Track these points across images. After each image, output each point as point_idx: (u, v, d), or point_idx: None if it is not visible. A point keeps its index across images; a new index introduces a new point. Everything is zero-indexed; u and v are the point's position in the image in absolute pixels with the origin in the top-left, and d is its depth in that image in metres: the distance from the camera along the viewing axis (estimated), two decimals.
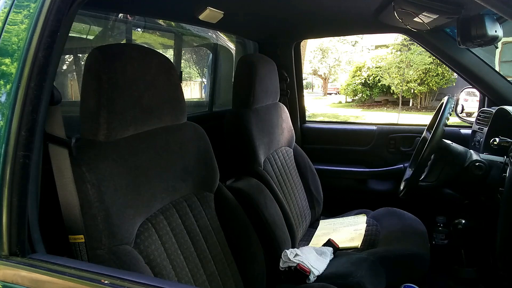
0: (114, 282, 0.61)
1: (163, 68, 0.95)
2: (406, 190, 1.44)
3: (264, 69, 1.57)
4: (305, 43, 7.20)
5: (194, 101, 3.52)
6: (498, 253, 1.16)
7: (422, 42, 1.75)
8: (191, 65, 3.42)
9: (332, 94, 17.66)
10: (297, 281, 1.31)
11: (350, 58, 15.11)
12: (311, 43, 13.34)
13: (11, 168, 0.67)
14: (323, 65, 15.35)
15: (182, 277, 0.94)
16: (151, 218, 0.91)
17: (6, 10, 0.71)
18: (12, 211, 0.67)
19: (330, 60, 15.17)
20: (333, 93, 17.80)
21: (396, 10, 1.31)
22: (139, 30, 1.90)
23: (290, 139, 1.84)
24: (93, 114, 0.80)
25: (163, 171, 0.95)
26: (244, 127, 1.50)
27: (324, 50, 14.38)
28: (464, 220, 1.63)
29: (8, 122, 0.67)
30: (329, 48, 14.39)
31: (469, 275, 1.64)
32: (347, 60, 15.24)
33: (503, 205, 1.15)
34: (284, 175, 1.69)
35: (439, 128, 1.28)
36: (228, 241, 1.11)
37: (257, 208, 1.33)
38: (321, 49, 14.38)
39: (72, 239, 0.74)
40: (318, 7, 1.50)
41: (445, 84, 11.07)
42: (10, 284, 0.66)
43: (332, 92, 17.96)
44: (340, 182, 2.13)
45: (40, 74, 0.67)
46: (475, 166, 1.30)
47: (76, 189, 0.75)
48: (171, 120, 1.00)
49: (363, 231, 1.65)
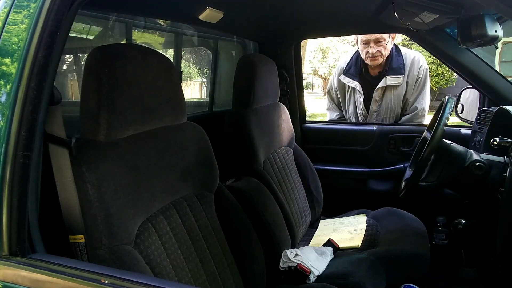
0: (114, 282, 0.61)
1: (163, 68, 0.95)
2: (406, 190, 1.44)
3: (264, 69, 1.57)
4: (305, 43, 7.20)
5: (194, 101, 3.52)
6: (498, 253, 1.16)
7: (422, 42, 1.75)
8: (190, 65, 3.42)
9: None
10: (297, 281, 1.31)
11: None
12: (311, 43, 13.32)
13: (11, 168, 0.67)
14: (323, 65, 15.33)
15: (182, 277, 0.94)
16: (151, 218, 0.91)
17: (6, 10, 0.71)
18: (12, 211, 0.67)
19: (330, 60, 15.16)
20: None
21: (396, 10, 1.31)
22: (140, 30, 1.90)
23: (290, 139, 1.84)
24: (93, 114, 0.80)
25: (163, 171, 0.95)
26: (244, 127, 1.50)
27: (324, 50, 14.36)
28: (464, 220, 1.63)
29: (8, 122, 0.67)
30: (329, 48, 14.38)
31: (469, 275, 1.64)
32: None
33: (503, 205, 1.15)
34: (284, 175, 1.69)
35: (439, 128, 1.27)
36: (228, 241, 1.11)
37: (257, 208, 1.33)
38: (321, 49, 14.37)
39: (72, 239, 0.74)
40: (318, 7, 1.50)
41: (445, 84, 11.06)
42: (10, 284, 0.66)
43: None
44: (340, 182, 2.12)
45: (40, 74, 0.67)
46: (475, 166, 1.30)
47: (76, 189, 0.75)
48: (171, 120, 1.00)
49: (363, 231, 1.65)
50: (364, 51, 2.11)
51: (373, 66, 2.15)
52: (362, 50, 2.13)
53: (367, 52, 2.09)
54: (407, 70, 2.12)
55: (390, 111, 2.20)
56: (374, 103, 2.20)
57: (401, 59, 2.12)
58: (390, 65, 2.12)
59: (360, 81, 2.21)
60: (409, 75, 2.12)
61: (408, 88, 2.14)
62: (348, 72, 2.24)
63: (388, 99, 2.17)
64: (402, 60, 2.12)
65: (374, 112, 2.22)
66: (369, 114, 2.23)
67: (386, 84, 2.13)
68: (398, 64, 2.12)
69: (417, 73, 2.12)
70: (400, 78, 2.11)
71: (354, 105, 2.28)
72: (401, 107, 2.20)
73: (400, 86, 2.13)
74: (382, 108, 2.20)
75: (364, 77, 2.21)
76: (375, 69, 2.16)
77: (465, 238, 1.64)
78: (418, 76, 2.12)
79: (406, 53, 2.16)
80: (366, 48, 2.09)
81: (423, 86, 2.14)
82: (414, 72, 2.12)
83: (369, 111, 2.23)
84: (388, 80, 2.12)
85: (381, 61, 2.10)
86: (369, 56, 2.09)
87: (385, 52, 2.08)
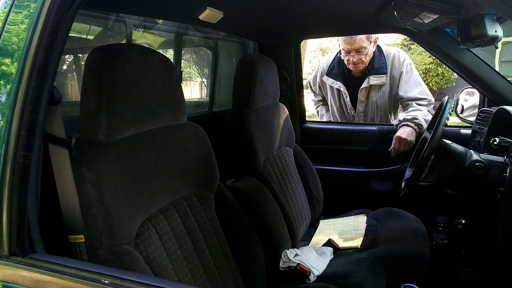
0: (114, 282, 0.61)
1: (163, 68, 0.95)
2: (406, 190, 1.44)
3: (264, 69, 1.57)
4: (305, 43, 7.19)
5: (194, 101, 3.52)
6: (498, 253, 1.16)
7: (422, 42, 1.75)
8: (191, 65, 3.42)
9: None
10: (297, 281, 1.31)
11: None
12: (311, 43, 13.31)
13: (11, 168, 0.67)
14: None
15: (182, 277, 0.94)
16: (151, 218, 0.91)
17: (6, 10, 0.71)
18: (12, 211, 0.67)
19: None
20: None
21: (396, 10, 1.30)
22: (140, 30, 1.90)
23: (290, 139, 1.84)
24: (93, 114, 0.80)
25: (163, 171, 0.95)
26: (244, 127, 1.50)
27: (324, 50, 14.36)
28: (464, 220, 1.63)
29: (8, 122, 0.67)
30: (329, 48, 14.36)
31: (469, 275, 1.64)
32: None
33: (503, 205, 1.15)
34: (284, 175, 1.69)
35: (439, 128, 1.27)
36: (228, 241, 1.11)
37: (257, 208, 1.33)
38: (321, 49, 14.36)
39: (72, 239, 0.74)
40: (318, 7, 1.50)
41: (445, 84, 11.06)
42: (10, 284, 0.66)
43: None
44: (340, 182, 2.12)
45: (40, 74, 0.68)
46: (475, 166, 1.30)
47: (76, 189, 0.75)
48: (171, 120, 1.00)
49: (363, 231, 1.65)
50: (345, 58, 2.09)
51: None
52: (343, 57, 2.11)
53: (348, 59, 2.07)
54: (389, 68, 2.09)
55: (377, 110, 2.18)
56: (360, 103, 2.18)
57: (383, 59, 2.10)
58: (372, 64, 2.09)
59: (344, 81, 2.19)
60: (392, 71, 2.09)
61: (394, 82, 2.10)
62: (331, 72, 2.22)
63: (373, 99, 2.15)
64: (384, 60, 2.09)
65: (361, 113, 2.20)
66: (357, 114, 2.21)
67: (370, 84, 2.10)
68: (380, 64, 2.09)
69: (399, 67, 2.08)
70: (383, 77, 2.09)
71: (341, 106, 2.26)
72: (392, 105, 2.17)
73: (385, 85, 2.11)
74: (369, 108, 2.18)
75: (347, 77, 2.19)
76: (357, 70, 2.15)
77: (465, 238, 1.64)
78: (401, 70, 2.08)
79: (387, 51, 2.13)
80: (347, 56, 2.07)
81: (411, 77, 2.08)
82: (396, 65, 2.09)
83: (356, 111, 2.21)
84: (371, 80, 2.10)
85: (362, 67, 2.09)
86: (350, 63, 2.08)
87: (367, 59, 2.05)
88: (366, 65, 2.08)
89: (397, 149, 1.91)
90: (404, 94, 2.07)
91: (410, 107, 2.03)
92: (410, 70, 2.09)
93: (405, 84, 2.08)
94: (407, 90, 2.07)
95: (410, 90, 2.07)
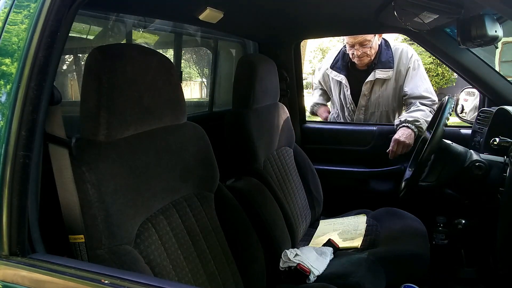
0: (114, 282, 0.61)
1: (163, 68, 0.95)
2: (406, 190, 1.44)
3: (264, 69, 1.57)
4: (305, 43, 7.20)
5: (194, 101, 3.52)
6: (498, 253, 1.16)
7: (422, 42, 1.75)
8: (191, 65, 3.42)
9: None
10: (297, 281, 1.31)
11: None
12: (311, 43, 13.31)
13: (11, 168, 0.67)
14: None
15: (182, 277, 0.94)
16: (151, 218, 0.91)
17: (6, 10, 0.71)
18: (12, 211, 0.67)
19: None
20: None
21: (396, 10, 1.30)
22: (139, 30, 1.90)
23: (290, 139, 1.84)
24: (93, 114, 0.80)
25: (163, 171, 0.95)
26: (244, 127, 1.50)
27: (324, 50, 14.35)
28: (464, 220, 1.63)
29: (8, 122, 0.67)
30: (329, 48, 14.36)
31: (469, 275, 1.64)
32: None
33: (503, 205, 1.15)
34: (284, 175, 1.69)
35: (439, 128, 1.28)
36: (228, 241, 1.11)
37: (257, 208, 1.33)
38: (321, 49, 14.36)
39: (72, 239, 0.74)
40: (318, 7, 1.50)
41: (445, 84, 11.06)
42: (10, 284, 0.66)
43: None
44: (340, 182, 2.12)
45: (40, 74, 0.67)
46: (475, 166, 1.30)
47: (76, 189, 0.75)
48: (171, 120, 1.00)
49: (363, 231, 1.65)
50: (350, 51, 2.09)
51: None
52: (348, 51, 2.10)
53: (352, 53, 2.07)
54: (396, 63, 2.07)
55: (379, 106, 2.16)
56: (362, 97, 2.16)
57: (390, 53, 2.08)
58: (379, 58, 2.07)
59: (347, 74, 2.17)
60: (399, 65, 2.07)
61: (399, 78, 2.08)
62: (335, 66, 2.20)
63: (377, 93, 2.13)
64: (391, 54, 2.08)
65: (363, 107, 2.18)
66: (358, 109, 2.19)
67: (375, 77, 2.09)
68: (387, 58, 2.07)
69: (407, 62, 2.07)
70: (390, 71, 2.07)
71: (341, 100, 2.25)
72: (394, 101, 2.15)
73: (390, 80, 2.09)
74: (371, 102, 2.16)
75: (351, 71, 2.17)
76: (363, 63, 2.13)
77: (465, 238, 1.64)
78: (408, 65, 2.07)
79: (395, 46, 2.12)
80: (352, 50, 2.06)
81: (418, 74, 2.07)
82: (404, 61, 2.07)
83: (357, 105, 2.19)
84: (377, 74, 2.08)
85: (367, 60, 2.07)
86: (355, 57, 2.07)
87: (372, 52, 2.04)
88: (372, 58, 2.07)
89: (395, 152, 1.90)
90: (409, 91, 2.06)
91: (413, 106, 2.02)
92: (417, 66, 2.08)
93: (411, 80, 2.06)
94: (413, 87, 2.05)
95: (416, 86, 2.05)
